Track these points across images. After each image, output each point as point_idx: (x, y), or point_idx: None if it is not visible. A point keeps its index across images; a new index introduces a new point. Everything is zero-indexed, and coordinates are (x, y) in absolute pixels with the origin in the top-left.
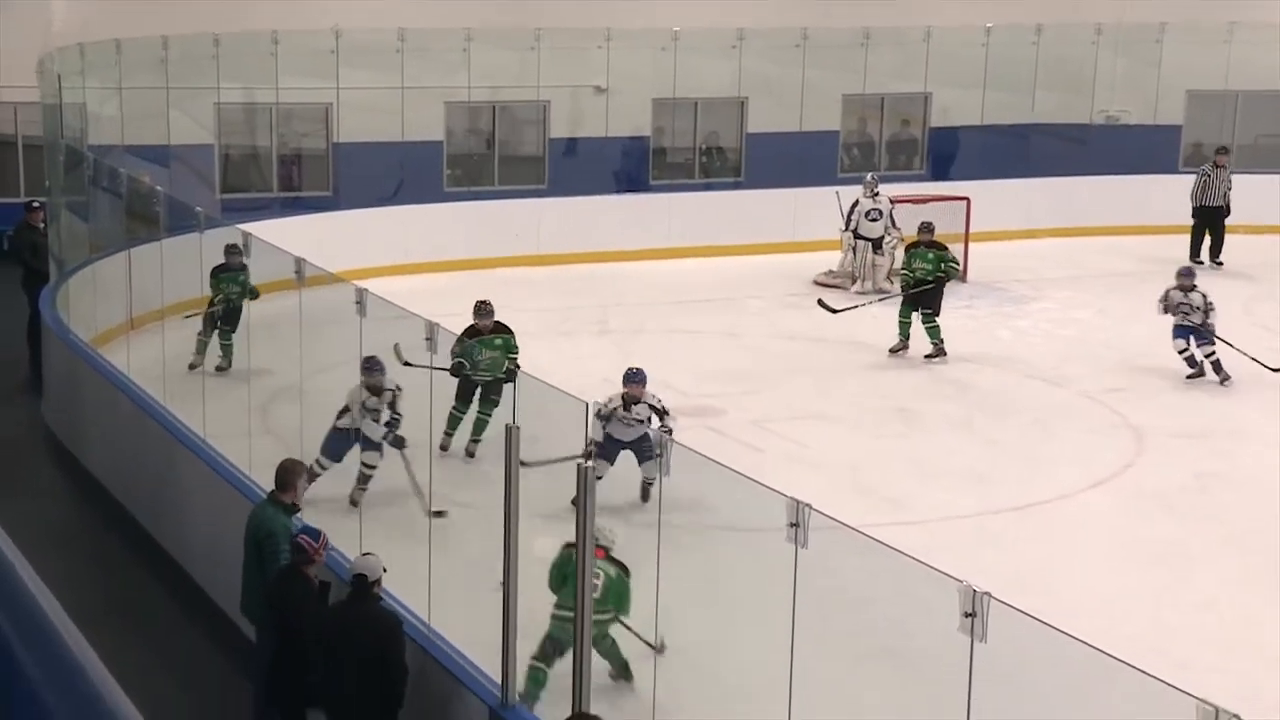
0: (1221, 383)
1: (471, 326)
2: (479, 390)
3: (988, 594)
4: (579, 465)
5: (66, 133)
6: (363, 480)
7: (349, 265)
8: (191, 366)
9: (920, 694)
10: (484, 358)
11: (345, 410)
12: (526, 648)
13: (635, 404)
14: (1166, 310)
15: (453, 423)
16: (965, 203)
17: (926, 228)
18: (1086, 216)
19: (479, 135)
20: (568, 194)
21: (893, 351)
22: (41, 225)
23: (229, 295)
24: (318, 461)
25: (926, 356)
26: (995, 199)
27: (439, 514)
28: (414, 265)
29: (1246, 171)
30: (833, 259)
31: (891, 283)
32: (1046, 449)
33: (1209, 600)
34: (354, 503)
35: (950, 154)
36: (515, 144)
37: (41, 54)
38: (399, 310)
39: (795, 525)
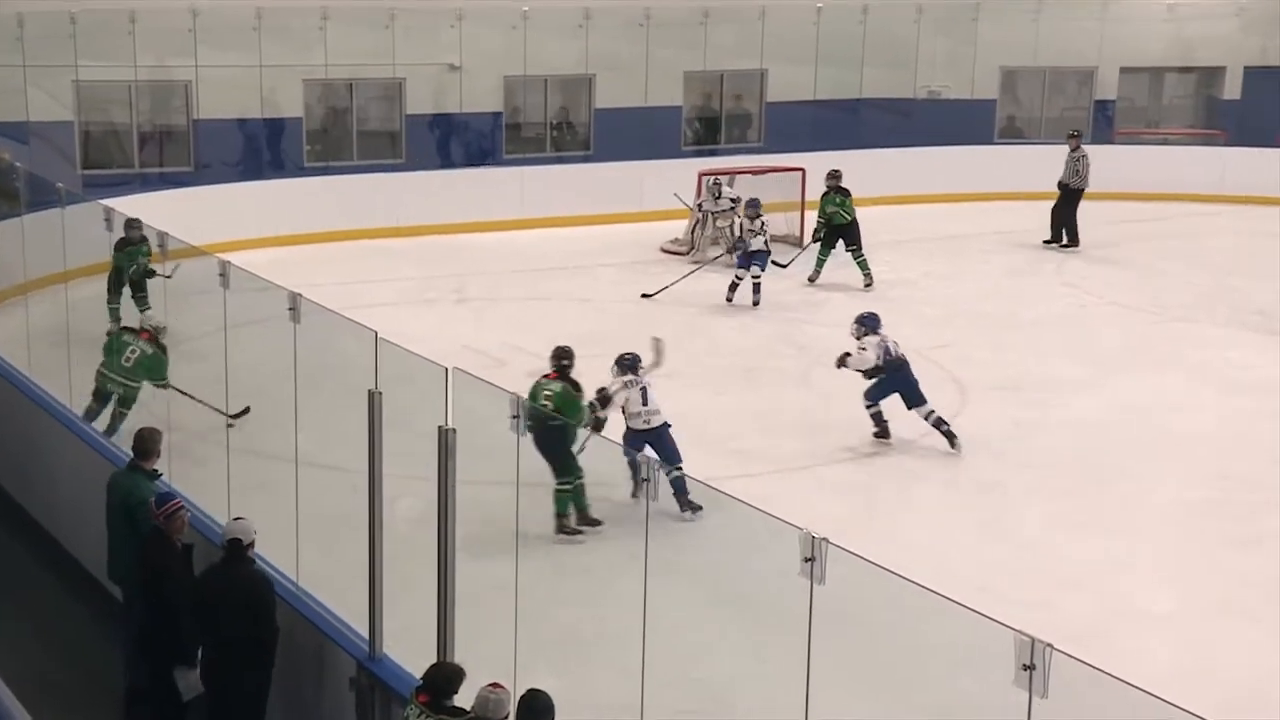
0: (755, 304)
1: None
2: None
3: (825, 539)
4: (440, 427)
5: None
6: None
7: (212, 239)
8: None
9: (765, 634)
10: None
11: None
12: (392, 603)
13: None
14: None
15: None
16: (800, 173)
17: (834, 174)
18: (911, 185)
19: (337, 111)
20: (424, 168)
21: (810, 280)
22: None
23: (137, 267)
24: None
25: (866, 287)
26: (827, 169)
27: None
28: (276, 238)
29: (1052, 143)
30: (678, 227)
31: (716, 245)
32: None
33: (1027, 540)
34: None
35: (785, 127)
36: (373, 120)
37: None
38: (262, 282)
39: (646, 480)
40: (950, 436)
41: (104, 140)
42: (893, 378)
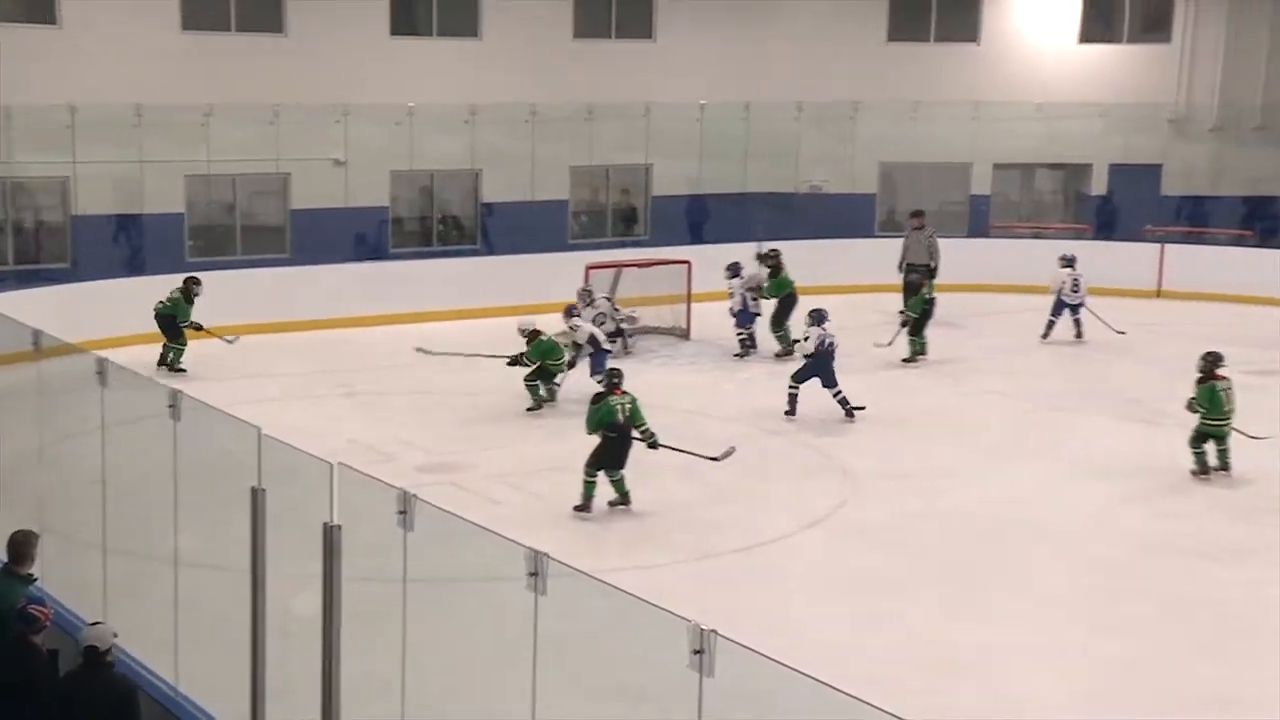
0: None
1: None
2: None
3: (714, 631)
4: (326, 524)
5: None
6: None
7: (91, 335)
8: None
9: None
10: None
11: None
12: (275, 704)
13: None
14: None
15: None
16: (686, 266)
17: (771, 255)
18: (796, 276)
19: (221, 207)
20: (310, 263)
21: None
22: None
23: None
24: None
25: (776, 355)
26: (712, 262)
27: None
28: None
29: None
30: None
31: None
32: (766, 492)
33: (912, 627)
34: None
35: (671, 220)
36: (257, 215)
37: None
38: (142, 379)
39: (534, 574)
40: (849, 412)
41: None
42: (816, 364)
